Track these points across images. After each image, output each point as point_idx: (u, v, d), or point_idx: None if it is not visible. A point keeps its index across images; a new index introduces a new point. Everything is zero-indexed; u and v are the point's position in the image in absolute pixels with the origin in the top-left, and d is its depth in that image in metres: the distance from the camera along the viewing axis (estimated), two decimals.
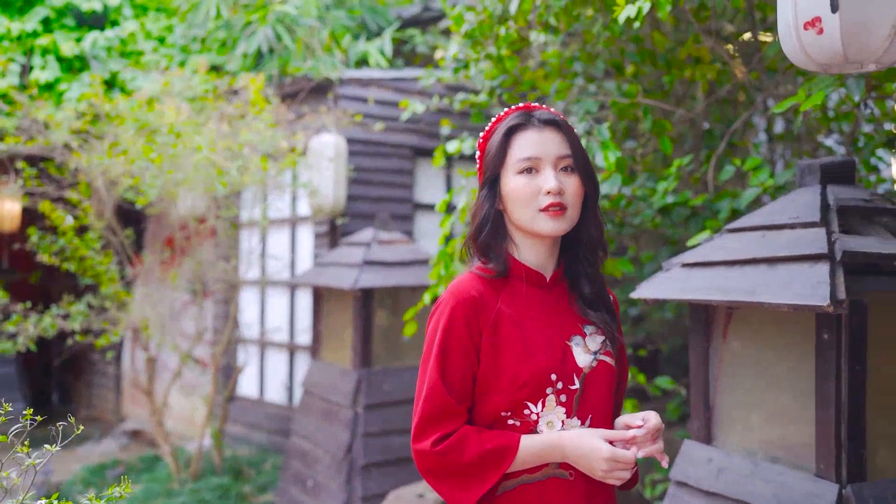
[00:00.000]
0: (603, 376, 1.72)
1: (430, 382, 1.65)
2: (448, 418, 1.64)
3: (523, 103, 1.80)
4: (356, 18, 7.37)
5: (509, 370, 1.65)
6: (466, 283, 1.72)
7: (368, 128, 6.27)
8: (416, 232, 6.64)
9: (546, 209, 1.66)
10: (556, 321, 1.73)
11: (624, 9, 3.13)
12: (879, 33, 1.57)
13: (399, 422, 5.18)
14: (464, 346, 1.66)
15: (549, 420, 1.66)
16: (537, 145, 1.69)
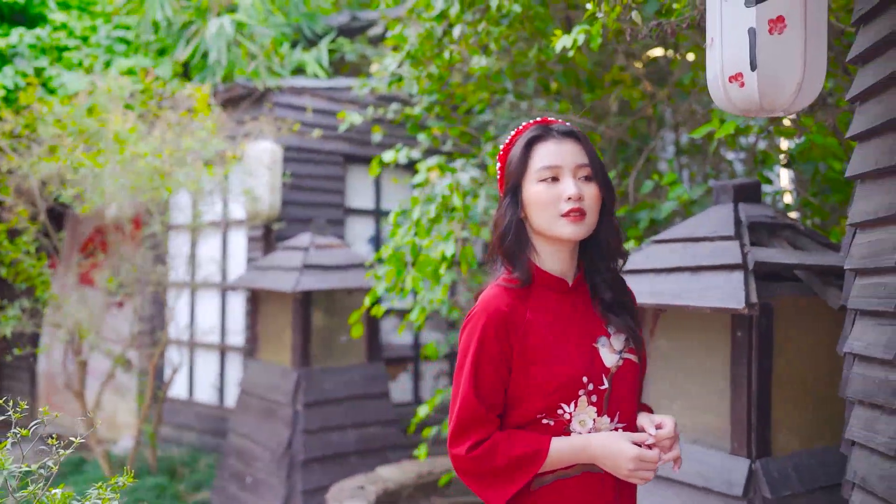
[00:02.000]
0: (629, 374, 1.80)
1: (464, 394, 1.73)
2: (480, 426, 1.72)
3: (540, 117, 1.87)
4: (293, 26, 7.54)
5: (542, 377, 1.72)
6: (495, 297, 1.76)
7: (302, 135, 6.47)
8: (347, 236, 6.86)
9: (567, 214, 1.72)
10: (582, 325, 1.80)
11: (560, 39, 3.47)
12: (788, 89, 1.93)
13: (337, 418, 5.42)
14: (495, 359, 1.72)
15: (582, 419, 1.73)
16: (557, 155, 1.75)
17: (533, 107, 4.82)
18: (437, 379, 7.31)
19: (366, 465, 5.42)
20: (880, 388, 2.02)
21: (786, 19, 1.90)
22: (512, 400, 1.75)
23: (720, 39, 1.99)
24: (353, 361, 5.72)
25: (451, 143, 5.66)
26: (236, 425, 5.73)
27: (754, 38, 1.91)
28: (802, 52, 1.92)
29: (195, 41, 6.81)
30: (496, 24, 4.25)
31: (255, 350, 5.90)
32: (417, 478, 5.07)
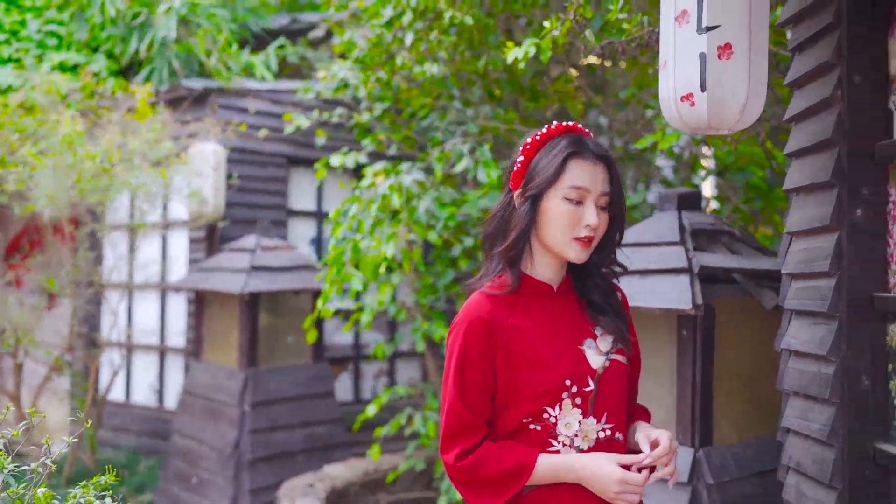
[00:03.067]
0: (616, 375, 1.80)
1: (450, 401, 1.75)
2: (467, 433, 1.74)
3: (561, 123, 1.83)
4: (239, 23, 7.53)
5: (527, 382, 1.72)
6: (477, 304, 1.78)
7: (246, 137, 6.49)
8: (289, 238, 6.90)
9: (580, 239, 1.74)
10: (567, 328, 1.80)
11: (512, 51, 3.63)
12: (734, 109, 2.12)
13: (284, 418, 5.48)
14: (478, 365, 1.74)
15: (567, 421, 1.73)
16: (590, 178, 1.74)
17: (479, 114, 4.98)
18: (377, 378, 7.41)
19: (312, 463, 5.50)
20: (814, 381, 2.23)
21: (733, 46, 2.09)
22: (499, 406, 1.76)
23: (673, 62, 2.17)
24: (299, 361, 5.79)
25: (395, 148, 5.77)
26: (180, 426, 5.73)
27: (704, 63, 2.09)
28: (747, 76, 2.11)
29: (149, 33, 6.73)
30: (446, 34, 4.40)
31: (200, 351, 5.90)
32: (364, 475, 5.17)
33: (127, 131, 5.66)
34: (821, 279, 2.23)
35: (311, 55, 7.52)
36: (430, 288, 5.04)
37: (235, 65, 6.86)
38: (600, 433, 1.76)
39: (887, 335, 2.11)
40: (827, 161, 2.19)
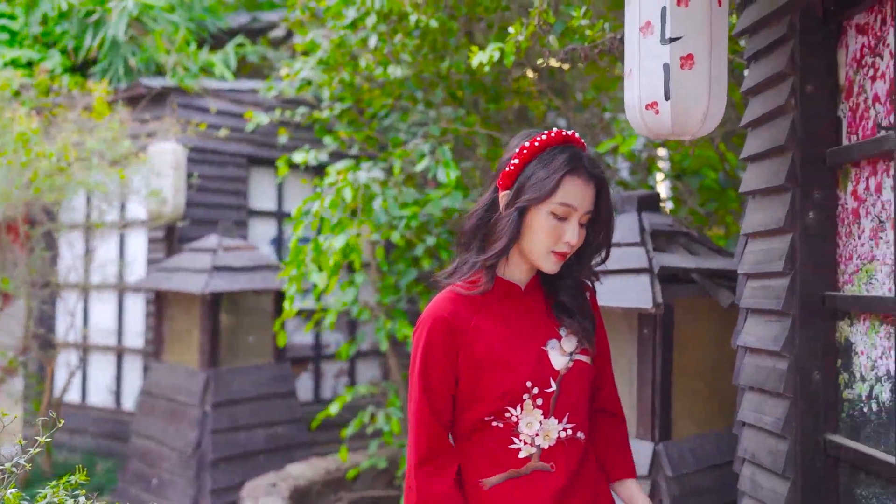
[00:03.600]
0: (579, 376, 1.80)
1: (415, 401, 1.77)
2: (433, 441, 1.76)
3: (561, 131, 1.80)
4: (196, 22, 7.48)
5: (488, 383, 1.73)
6: (442, 303, 1.79)
7: (206, 136, 6.46)
8: (250, 238, 6.89)
9: (557, 253, 1.75)
10: (532, 328, 1.80)
11: (476, 55, 3.70)
12: (696, 117, 2.21)
13: (246, 418, 5.48)
14: (441, 364, 1.75)
15: (528, 421, 1.74)
16: (580, 196, 1.73)
17: (441, 116, 5.04)
18: (337, 378, 7.43)
19: (274, 463, 5.51)
20: (769, 376, 2.34)
21: (695, 56, 2.18)
22: (461, 404, 1.77)
23: (638, 71, 2.26)
24: (260, 361, 5.79)
25: (357, 147, 5.81)
26: (140, 427, 5.69)
27: (668, 72, 2.18)
28: (708, 85, 2.20)
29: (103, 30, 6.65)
30: (410, 37, 4.45)
31: (160, 352, 5.87)
32: (326, 474, 5.20)
33: (84, 130, 5.60)
34: (775, 279, 2.33)
35: (272, 54, 7.50)
36: (392, 288, 5.10)
37: (194, 64, 6.82)
38: (561, 433, 1.77)
39: (837, 332, 2.22)
40: (781, 166, 2.29)
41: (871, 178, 2.07)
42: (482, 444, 1.78)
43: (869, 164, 2.09)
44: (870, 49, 2.09)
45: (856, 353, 2.13)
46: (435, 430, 1.76)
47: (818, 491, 2.21)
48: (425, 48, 4.56)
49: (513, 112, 5.52)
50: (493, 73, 5.17)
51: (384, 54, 4.50)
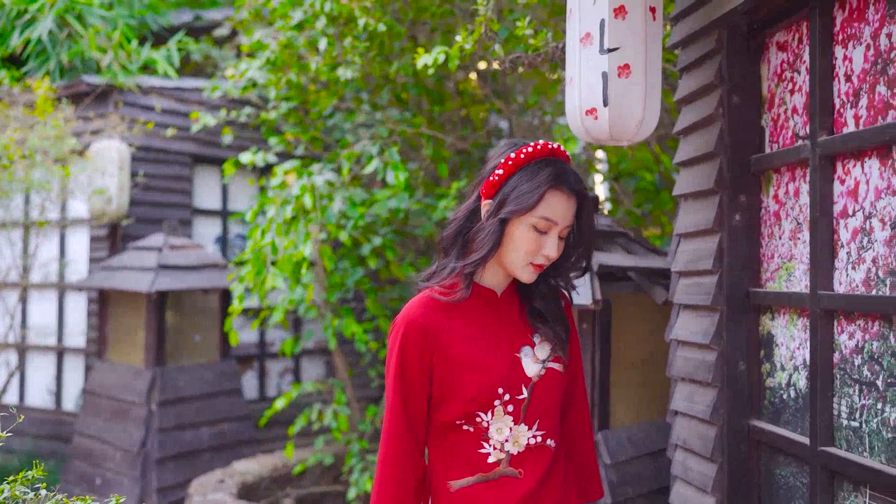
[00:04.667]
0: (551, 383, 1.81)
1: (389, 403, 1.79)
2: (402, 442, 1.78)
3: (547, 143, 1.79)
4: (136, 19, 7.42)
5: (460, 386, 1.74)
6: (417, 306, 1.80)
7: (151, 135, 6.43)
8: (194, 237, 6.88)
9: (535, 264, 1.76)
10: (506, 334, 1.81)
11: (422, 58, 3.81)
12: (632, 123, 2.36)
13: (192, 416, 5.49)
14: (415, 366, 1.77)
15: (499, 427, 1.76)
16: (561, 211, 1.74)
17: (387, 118, 5.14)
18: (282, 376, 7.46)
19: (221, 460, 5.53)
20: (699, 367, 2.50)
21: (631, 66, 2.33)
22: (434, 405, 1.79)
23: (578, 79, 2.40)
24: (206, 360, 5.81)
25: (303, 148, 5.86)
26: (83, 427, 5.65)
27: (606, 81, 2.32)
28: (644, 92, 2.35)
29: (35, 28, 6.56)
30: (358, 40, 4.54)
31: (104, 351, 5.84)
32: (273, 470, 5.25)
33: (26, 127, 5.54)
34: (704, 276, 2.50)
35: (216, 53, 7.49)
36: (339, 286, 5.17)
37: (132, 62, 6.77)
38: (531, 439, 1.78)
39: (760, 325, 2.40)
40: (710, 171, 2.46)
41: (791, 184, 2.25)
42: (453, 446, 1.79)
43: (788, 171, 2.26)
44: (789, 65, 2.27)
45: (777, 344, 2.31)
46: (406, 436, 1.78)
47: (743, 472, 2.38)
48: (373, 51, 4.65)
49: (457, 114, 5.65)
50: (437, 75, 5.30)
51: (333, 57, 4.58)
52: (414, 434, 1.80)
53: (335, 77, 4.90)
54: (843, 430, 1.99)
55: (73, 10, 6.58)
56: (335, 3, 4.27)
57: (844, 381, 1.99)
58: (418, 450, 1.81)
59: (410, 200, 5.04)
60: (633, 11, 2.27)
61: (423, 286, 1.85)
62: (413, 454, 1.80)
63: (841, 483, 1.99)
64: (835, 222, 2.04)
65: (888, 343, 1.83)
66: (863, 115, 1.95)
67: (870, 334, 1.90)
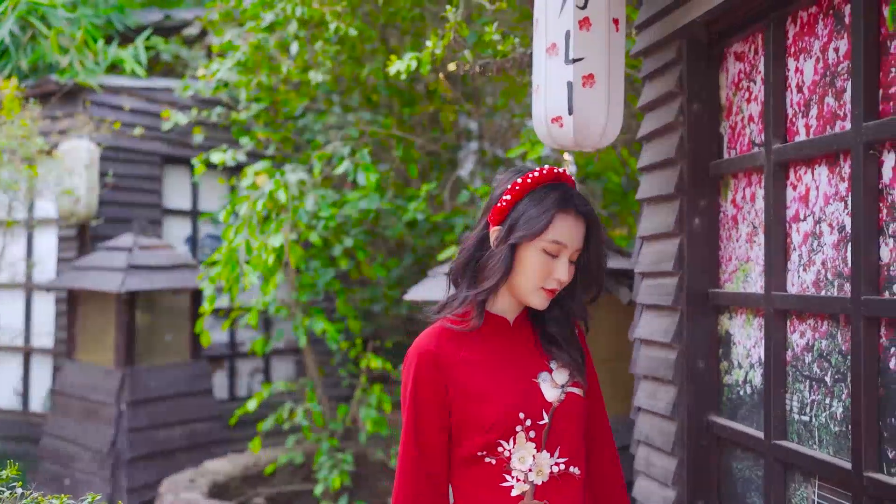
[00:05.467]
0: (573, 408, 1.76)
1: (404, 440, 1.74)
2: (418, 483, 1.73)
3: (552, 168, 1.78)
4: (102, 18, 7.38)
5: (478, 414, 1.70)
6: (428, 337, 1.77)
7: (120, 134, 6.42)
8: (164, 237, 6.87)
9: (546, 290, 1.74)
10: (522, 361, 1.78)
11: (394, 64, 3.87)
12: (596, 130, 2.45)
13: (163, 416, 5.51)
14: (431, 399, 1.73)
15: (521, 455, 1.70)
16: (571, 234, 1.72)
17: (358, 119, 5.20)
18: (252, 376, 7.48)
19: (192, 460, 5.55)
20: (660, 365, 2.60)
21: (595, 76, 2.41)
22: (454, 438, 1.74)
23: (545, 88, 2.48)
24: (177, 360, 5.82)
25: (273, 148, 5.90)
26: (52, 428, 5.64)
27: (571, 90, 2.40)
28: (607, 102, 2.44)
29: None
30: (329, 43, 4.59)
31: (73, 351, 5.82)
32: (244, 470, 5.28)
33: None
34: (666, 277, 2.59)
35: (186, 53, 7.48)
36: (310, 286, 5.22)
37: (96, 61, 6.74)
38: (554, 468, 1.72)
39: (719, 325, 2.50)
40: (671, 176, 2.55)
41: (747, 189, 2.35)
42: (474, 483, 1.73)
43: (745, 176, 2.36)
44: (746, 74, 2.37)
45: (734, 343, 2.41)
46: (418, 476, 1.72)
47: (702, 466, 2.48)
48: (344, 54, 4.70)
49: (427, 116, 5.72)
50: (407, 78, 5.36)
51: (304, 59, 4.62)
52: (428, 473, 1.74)
53: (306, 79, 4.95)
54: (794, 425, 2.09)
55: (35, 11, 6.53)
56: (307, 7, 4.31)
57: (796, 378, 2.09)
58: (434, 490, 1.74)
59: (381, 201, 5.10)
60: (597, 23, 2.35)
61: (435, 318, 1.81)
62: (427, 494, 1.73)
63: (793, 475, 2.09)
64: (787, 226, 2.14)
65: (836, 341, 1.93)
66: (813, 125, 2.05)
67: (819, 333, 2.00)
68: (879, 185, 1.79)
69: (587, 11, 2.37)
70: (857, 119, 1.82)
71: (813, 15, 2.05)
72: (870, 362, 1.78)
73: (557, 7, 2.42)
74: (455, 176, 5.52)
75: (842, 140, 1.89)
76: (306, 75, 4.89)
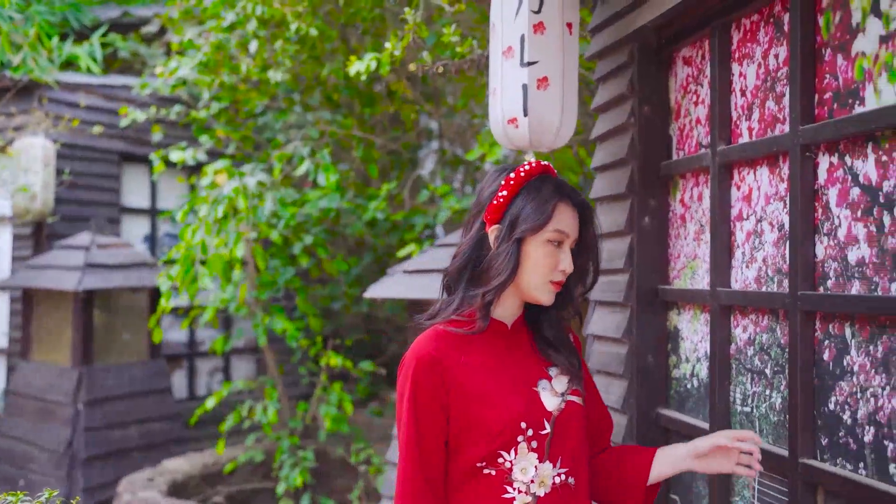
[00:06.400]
0: (573, 417, 1.73)
1: (403, 451, 1.68)
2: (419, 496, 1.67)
3: (539, 161, 1.80)
4: (58, 16, 7.30)
5: (480, 422, 1.65)
6: (425, 341, 1.71)
7: (77, 132, 6.36)
8: (123, 235, 6.82)
9: (553, 283, 1.73)
10: (521, 368, 1.74)
11: (354, 65, 3.91)
12: (551, 131, 2.52)
13: (120, 415, 5.47)
14: (430, 406, 1.67)
15: (523, 466, 1.65)
16: (571, 222, 1.73)
17: (318, 119, 5.22)
18: (211, 375, 7.45)
19: (150, 459, 5.53)
20: (612, 360, 2.67)
21: (549, 79, 2.48)
22: (452, 447, 1.69)
23: (501, 90, 2.54)
24: (135, 359, 5.79)
25: (233, 146, 5.89)
26: (6, 428, 5.58)
27: (526, 92, 2.47)
28: (561, 104, 2.51)
29: None
30: (289, 43, 4.61)
31: (28, 351, 5.76)
32: (203, 468, 5.28)
33: None
34: (617, 275, 2.67)
35: (145, 51, 7.43)
36: (270, 284, 5.23)
37: (51, 58, 6.67)
38: (556, 478, 1.68)
39: (668, 321, 2.58)
40: (622, 176, 2.63)
41: (695, 189, 2.43)
42: (474, 496, 1.67)
43: (693, 177, 2.45)
44: (693, 78, 2.45)
45: (682, 338, 2.49)
46: (419, 485, 1.66)
47: None
48: (304, 53, 4.73)
49: (387, 116, 5.77)
50: (368, 78, 5.40)
51: (264, 58, 4.64)
52: (431, 484, 1.68)
53: (266, 78, 4.96)
54: (737, 416, 2.17)
55: None
56: (267, 7, 4.33)
57: (739, 371, 2.17)
58: (435, 496, 1.68)
59: (341, 200, 5.14)
60: (551, 27, 2.42)
61: (428, 324, 1.76)
62: (429, 499, 1.67)
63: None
64: (732, 225, 2.23)
65: (775, 335, 2.02)
66: (755, 128, 2.14)
67: (760, 327, 2.09)
68: (815, 186, 1.88)
69: (541, 16, 2.44)
70: (794, 122, 1.91)
71: (755, 22, 2.14)
72: (806, 354, 1.87)
73: (513, 12, 2.48)
74: (415, 175, 5.57)
75: (780, 142, 1.97)
76: (268, 77, 4.90)
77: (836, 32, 1.83)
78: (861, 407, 1.72)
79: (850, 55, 1.78)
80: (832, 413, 1.80)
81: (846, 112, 1.78)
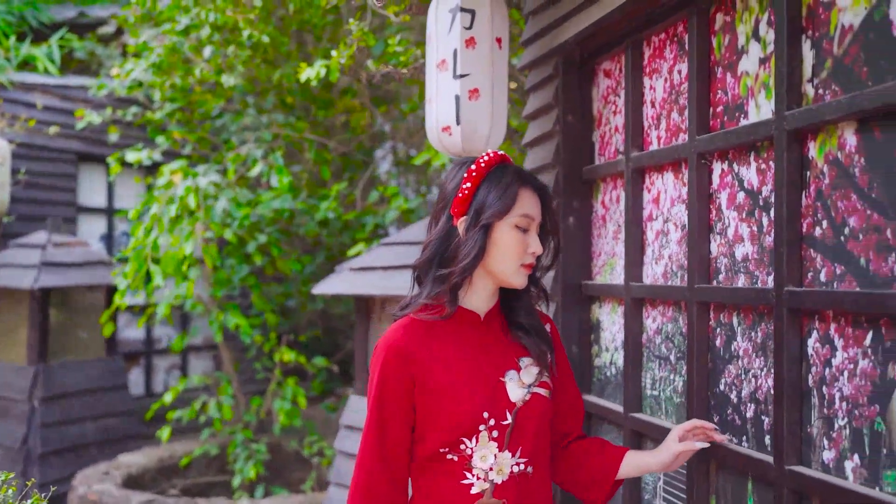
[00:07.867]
0: (537, 408, 1.77)
1: (366, 434, 1.75)
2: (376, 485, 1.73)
3: (496, 152, 1.84)
4: (15, 15, 7.32)
5: (443, 412, 1.70)
6: (398, 330, 1.76)
7: (33, 132, 6.42)
8: (79, 235, 6.89)
9: (525, 266, 1.79)
10: (491, 358, 1.79)
11: (305, 71, 4.07)
12: (481, 139, 2.71)
13: (76, 412, 5.57)
14: (397, 392, 1.72)
15: (483, 454, 1.70)
16: (534, 206, 1.78)
17: (272, 122, 5.37)
18: (168, 372, 7.54)
19: (106, 454, 5.62)
20: None
21: (479, 90, 2.67)
22: (417, 434, 1.75)
23: (436, 100, 2.73)
24: (92, 356, 5.88)
25: (189, 147, 6.00)
26: None
27: (458, 102, 2.66)
28: (490, 113, 2.70)
29: None
30: (243, 48, 4.75)
31: None
32: (159, 462, 5.39)
33: None
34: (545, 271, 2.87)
35: (101, 51, 7.49)
36: (225, 282, 5.36)
37: (13, 58, 6.71)
38: (514, 467, 1.73)
39: (591, 313, 2.79)
40: (549, 180, 2.83)
41: (613, 191, 2.64)
42: (435, 480, 1.74)
43: (612, 180, 2.65)
44: (612, 90, 2.66)
45: (602, 329, 2.70)
46: (375, 465, 1.74)
47: None
48: (258, 58, 4.87)
49: (341, 118, 5.92)
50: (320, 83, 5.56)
51: (218, 63, 4.77)
52: (388, 468, 1.75)
53: (221, 81, 5.09)
54: (647, 399, 2.39)
55: None
56: (220, 14, 4.47)
57: (649, 358, 2.39)
58: (392, 486, 1.75)
59: (295, 201, 5.28)
60: (482, 42, 2.61)
61: (400, 315, 1.83)
62: (383, 491, 1.74)
63: (645, 443, 2.39)
64: (644, 225, 2.44)
65: (678, 324, 2.23)
66: (663, 136, 2.35)
67: (666, 318, 2.30)
68: (710, 190, 2.10)
69: (473, 31, 2.63)
70: (692, 132, 2.12)
71: (662, 40, 2.35)
72: (701, 341, 2.08)
73: (446, 27, 2.68)
74: (368, 176, 5.74)
75: (681, 150, 2.19)
76: (221, 80, 5.03)
77: (725, 53, 2.04)
78: (744, 387, 1.93)
79: (736, 74, 2.00)
80: (722, 393, 2.02)
81: (734, 124, 2.00)
